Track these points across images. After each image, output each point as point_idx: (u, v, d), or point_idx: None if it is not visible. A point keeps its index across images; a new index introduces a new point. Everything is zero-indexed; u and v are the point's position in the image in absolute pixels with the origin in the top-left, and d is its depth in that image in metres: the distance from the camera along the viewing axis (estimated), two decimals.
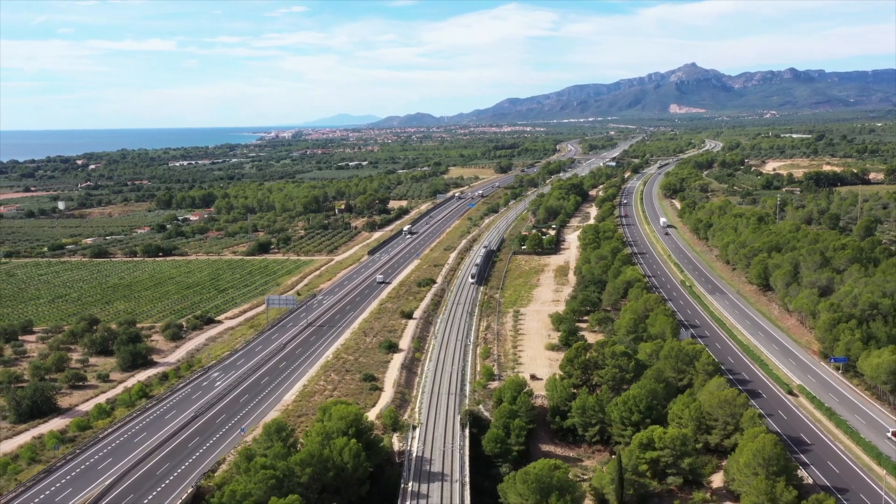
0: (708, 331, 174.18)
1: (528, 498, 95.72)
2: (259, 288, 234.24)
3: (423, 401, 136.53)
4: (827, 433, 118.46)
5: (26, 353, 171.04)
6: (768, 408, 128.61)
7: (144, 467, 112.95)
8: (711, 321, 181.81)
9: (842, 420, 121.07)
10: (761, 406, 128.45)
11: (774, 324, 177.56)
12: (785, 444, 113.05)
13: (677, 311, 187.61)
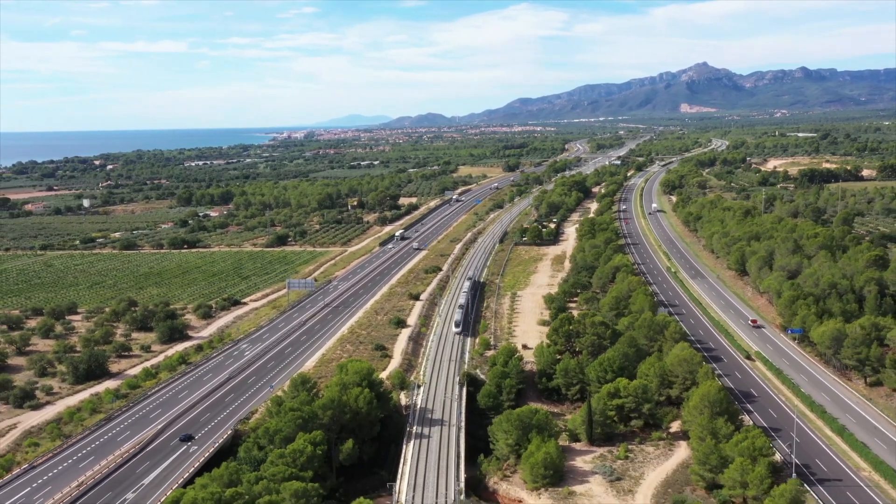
0: (685, 309, 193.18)
1: (512, 434, 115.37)
2: (279, 275, 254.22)
3: (427, 366, 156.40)
4: (773, 388, 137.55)
5: (74, 329, 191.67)
6: (727, 369, 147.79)
7: (189, 416, 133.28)
8: (689, 301, 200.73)
9: (787, 378, 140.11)
10: (721, 368, 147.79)
11: (746, 303, 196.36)
12: (735, 396, 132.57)
13: (660, 293, 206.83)
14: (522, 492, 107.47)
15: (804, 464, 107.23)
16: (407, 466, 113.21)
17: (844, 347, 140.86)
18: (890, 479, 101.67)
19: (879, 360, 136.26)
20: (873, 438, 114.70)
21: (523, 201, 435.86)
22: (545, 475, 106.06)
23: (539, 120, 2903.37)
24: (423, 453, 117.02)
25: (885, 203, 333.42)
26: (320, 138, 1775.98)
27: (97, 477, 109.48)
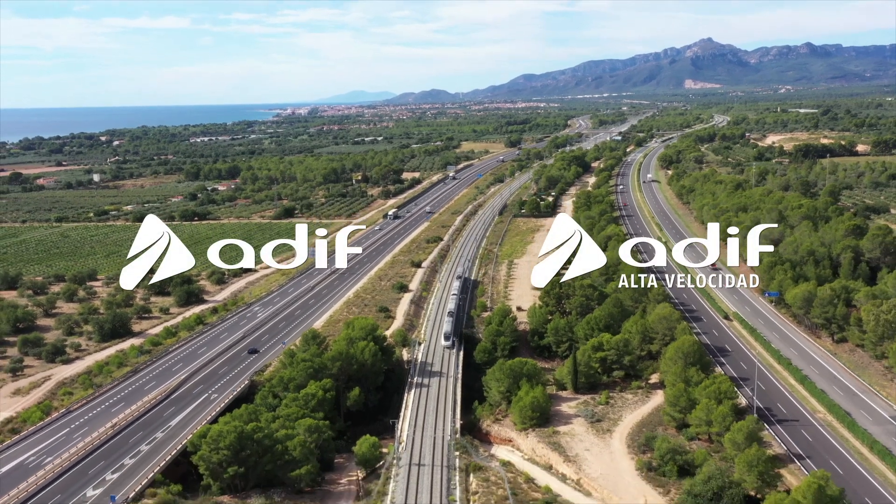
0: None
1: (503, 382, 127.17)
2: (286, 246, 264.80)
3: (428, 326, 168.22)
4: (747, 344, 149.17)
5: (96, 294, 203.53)
6: (705, 328, 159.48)
7: (209, 369, 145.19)
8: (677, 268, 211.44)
9: (760, 335, 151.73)
10: (700, 327, 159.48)
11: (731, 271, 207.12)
12: (710, 350, 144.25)
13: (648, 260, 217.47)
14: (512, 432, 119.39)
15: (766, 407, 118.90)
16: (408, 411, 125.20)
17: (814, 307, 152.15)
18: (841, 419, 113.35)
19: (845, 319, 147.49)
20: (832, 386, 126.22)
21: (523, 176, 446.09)
22: (532, 417, 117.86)
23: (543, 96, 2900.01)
24: (422, 400, 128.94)
25: (874, 177, 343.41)
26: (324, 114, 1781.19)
27: (129, 419, 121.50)
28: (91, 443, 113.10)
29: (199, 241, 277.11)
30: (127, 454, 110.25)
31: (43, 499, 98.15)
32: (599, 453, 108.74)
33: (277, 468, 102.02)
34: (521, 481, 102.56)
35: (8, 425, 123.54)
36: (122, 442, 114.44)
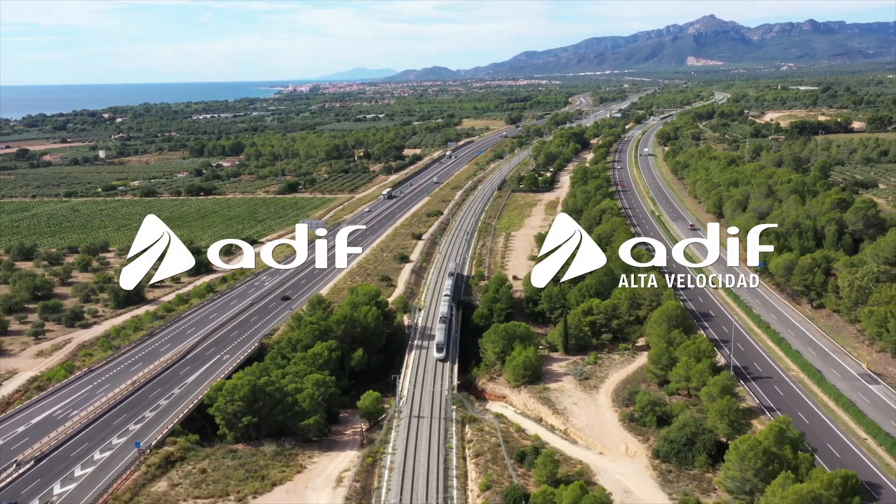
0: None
1: (498, 343, 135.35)
2: (291, 219, 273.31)
3: (428, 294, 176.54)
4: (729, 310, 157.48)
5: (109, 264, 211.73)
6: (691, 295, 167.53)
7: (220, 333, 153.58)
8: (668, 239, 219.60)
9: (742, 301, 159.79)
10: (686, 294, 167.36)
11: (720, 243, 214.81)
12: (694, 315, 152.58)
13: (642, 233, 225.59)
14: (506, 389, 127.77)
15: (743, 366, 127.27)
16: (409, 370, 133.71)
17: (794, 275, 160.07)
18: (811, 375, 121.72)
19: (823, 286, 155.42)
20: (806, 347, 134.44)
21: (523, 152, 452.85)
22: (525, 375, 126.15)
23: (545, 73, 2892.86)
24: (422, 360, 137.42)
25: (866, 153, 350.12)
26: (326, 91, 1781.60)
27: (147, 377, 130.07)
28: (113, 397, 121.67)
29: (206, 215, 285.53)
30: (147, 408, 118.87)
31: (72, 446, 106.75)
32: (586, 407, 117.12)
33: (288, 419, 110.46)
34: (513, 431, 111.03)
35: (34, 383, 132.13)
36: (142, 397, 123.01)
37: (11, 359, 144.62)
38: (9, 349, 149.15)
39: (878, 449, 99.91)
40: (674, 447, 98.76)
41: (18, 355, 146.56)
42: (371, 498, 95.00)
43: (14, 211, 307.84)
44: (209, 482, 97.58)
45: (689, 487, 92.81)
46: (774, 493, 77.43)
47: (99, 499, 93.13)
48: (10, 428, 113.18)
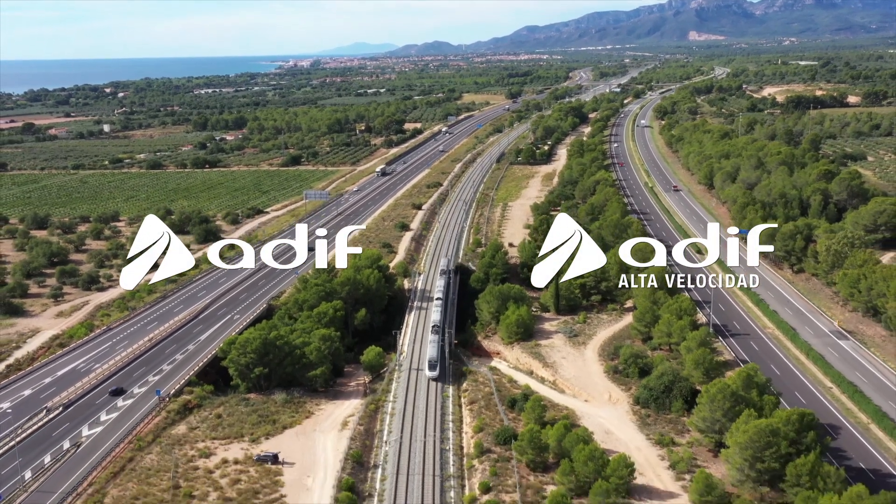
0: (654, 216, 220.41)
1: (493, 304, 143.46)
2: (295, 190, 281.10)
3: (427, 259, 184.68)
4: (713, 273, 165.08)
5: (121, 232, 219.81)
6: None
7: (230, 295, 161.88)
8: (660, 210, 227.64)
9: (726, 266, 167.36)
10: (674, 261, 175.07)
11: (709, 211, 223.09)
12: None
13: (635, 204, 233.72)
14: (500, 346, 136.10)
15: (723, 324, 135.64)
16: (409, 328, 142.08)
17: (776, 241, 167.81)
18: (786, 332, 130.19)
19: (803, 252, 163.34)
20: (784, 308, 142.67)
21: (522, 126, 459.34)
22: (517, 332, 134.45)
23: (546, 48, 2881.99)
24: (421, 320, 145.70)
25: (858, 127, 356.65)
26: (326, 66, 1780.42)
27: (163, 335, 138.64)
28: (132, 353, 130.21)
29: (212, 187, 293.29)
30: (164, 362, 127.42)
31: (97, 394, 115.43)
32: (574, 360, 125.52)
33: (296, 370, 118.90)
34: (505, 382, 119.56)
35: (56, 340, 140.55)
36: (159, 353, 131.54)
37: (33, 319, 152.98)
38: (30, 310, 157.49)
39: (841, 396, 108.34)
40: (652, 394, 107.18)
41: (39, 316, 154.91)
42: (374, 439, 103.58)
43: (24, 183, 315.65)
44: (224, 426, 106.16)
45: (664, 429, 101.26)
46: (738, 428, 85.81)
47: (124, 439, 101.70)
48: (38, 379, 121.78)
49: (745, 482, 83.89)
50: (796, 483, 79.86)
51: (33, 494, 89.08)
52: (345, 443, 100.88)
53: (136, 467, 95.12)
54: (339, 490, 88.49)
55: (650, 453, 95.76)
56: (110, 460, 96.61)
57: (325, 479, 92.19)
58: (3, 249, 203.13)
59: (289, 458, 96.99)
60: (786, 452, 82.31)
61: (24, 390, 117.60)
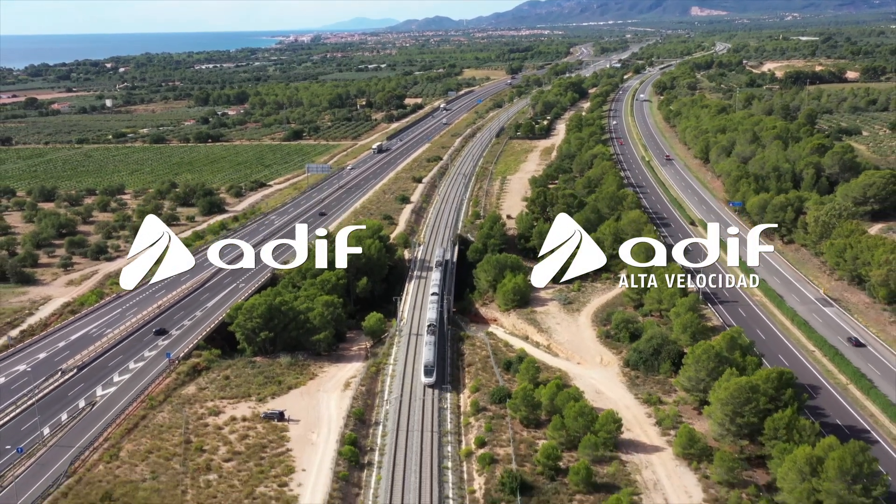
0: (650, 189, 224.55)
1: (490, 272, 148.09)
2: (297, 164, 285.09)
3: (427, 231, 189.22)
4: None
5: (127, 205, 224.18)
6: (672, 232, 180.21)
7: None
8: (655, 183, 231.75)
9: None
10: (667, 231, 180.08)
11: (704, 185, 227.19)
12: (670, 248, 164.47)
13: (631, 177, 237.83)
14: (497, 312, 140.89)
15: (712, 292, 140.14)
16: (409, 296, 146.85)
17: (767, 213, 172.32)
18: (773, 299, 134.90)
19: (793, 223, 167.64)
20: (772, 276, 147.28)
21: (521, 101, 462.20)
22: (514, 299, 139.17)
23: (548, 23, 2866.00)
24: (421, 288, 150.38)
25: (855, 102, 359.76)
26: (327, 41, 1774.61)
27: (171, 301, 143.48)
28: (142, 318, 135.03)
29: (215, 161, 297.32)
30: (173, 327, 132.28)
31: (109, 357, 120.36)
32: (567, 326, 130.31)
33: (300, 335, 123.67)
34: (501, 346, 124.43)
35: (67, 307, 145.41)
36: (168, 318, 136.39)
37: (44, 287, 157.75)
38: (41, 279, 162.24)
39: (822, 359, 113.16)
40: (642, 357, 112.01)
41: (50, 284, 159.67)
42: (375, 398, 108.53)
43: (29, 157, 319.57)
44: (232, 386, 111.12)
45: (652, 389, 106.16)
46: (720, 385, 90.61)
47: (137, 398, 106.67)
48: (52, 343, 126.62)
49: (725, 436, 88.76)
50: (774, 436, 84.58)
51: (52, 449, 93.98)
52: (347, 402, 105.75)
53: (148, 424, 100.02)
54: (343, 444, 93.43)
55: (638, 411, 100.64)
56: (124, 418, 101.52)
57: (328, 434, 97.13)
58: (11, 221, 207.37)
59: (294, 415, 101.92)
60: (764, 408, 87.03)
61: (39, 353, 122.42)
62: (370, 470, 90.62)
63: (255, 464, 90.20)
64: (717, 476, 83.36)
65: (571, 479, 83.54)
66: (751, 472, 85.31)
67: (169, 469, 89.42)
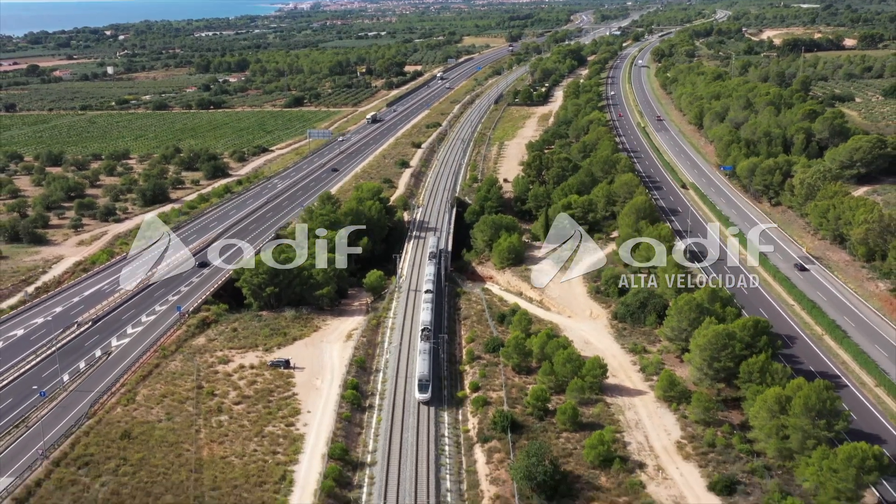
0: (644, 154, 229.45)
1: (486, 232, 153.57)
2: (298, 130, 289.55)
3: (426, 193, 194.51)
4: (696, 207, 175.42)
5: (132, 168, 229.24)
6: (664, 195, 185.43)
7: (240, 226, 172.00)
8: (650, 149, 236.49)
9: (708, 200, 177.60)
10: (659, 194, 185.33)
11: (697, 150, 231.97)
12: (664, 212, 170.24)
13: (626, 143, 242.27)
14: (492, 271, 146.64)
15: (700, 251, 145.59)
16: (408, 255, 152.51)
17: (755, 176, 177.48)
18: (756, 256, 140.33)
19: (781, 186, 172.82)
20: (758, 236, 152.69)
21: (521, 68, 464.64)
22: (508, 258, 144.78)
23: None
24: (420, 248, 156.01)
25: (850, 69, 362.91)
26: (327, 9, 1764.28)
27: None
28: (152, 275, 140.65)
29: (218, 127, 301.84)
30: (182, 283, 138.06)
31: (123, 311, 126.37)
32: (560, 283, 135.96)
33: (304, 290, 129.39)
34: (496, 301, 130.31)
35: (79, 266, 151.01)
36: (177, 276, 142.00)
37: (56, 247, 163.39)
38: (52, 239, 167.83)
39: (801, 312, 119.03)
40: (629, 310, 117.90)
41: (62, 244, 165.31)
42: (376, 348, 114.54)
43: (34, 123, 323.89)
44: (240, 337, 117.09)
45: (638, 340, 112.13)
46: (700, 333, 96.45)
47: (150, 349, 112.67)
48: (67, 298, 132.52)
49: (703, 380, 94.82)
50: (748, 379, 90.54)
51: (72, 393, 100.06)
52: (349, 351, 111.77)
53: (162, 372, 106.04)
54: (345, 389, 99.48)
55: (624, 359, 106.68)
56: (139, 366, 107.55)
57: (332, 380, 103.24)
58: (21, 185, 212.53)
59: (299, 363, 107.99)
60: (740, 354, 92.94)
61: (55, 308, 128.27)
62: (371, 412, 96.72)
63: (263, 406, 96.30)
64: (695, 416, 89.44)
65: (559, 418, 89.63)
66: (726, 413, 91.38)
67: (183, 411, 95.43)
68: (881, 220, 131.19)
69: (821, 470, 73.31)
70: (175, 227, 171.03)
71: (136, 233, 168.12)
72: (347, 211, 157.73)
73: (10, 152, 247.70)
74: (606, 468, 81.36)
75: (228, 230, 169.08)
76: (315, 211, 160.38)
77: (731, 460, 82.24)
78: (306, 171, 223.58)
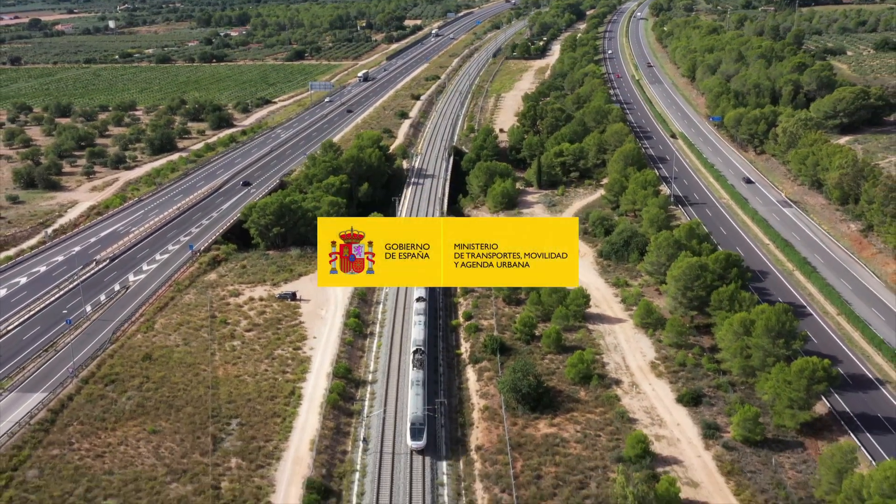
0: (636, 105, 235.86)
1: (481, 178, 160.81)
2: (300, 83, 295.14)
3: (425, 143, 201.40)
4: (684, 156, 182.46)
5: (139, 119, 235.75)
6: (653, 144, 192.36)
7: (246, 173, 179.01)
8: (643, 100, 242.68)
9: (696, 148, 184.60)
10: (649, 143, 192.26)
11: (688, 101, 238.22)
12: (652, 160, 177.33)
13: (620, 95, 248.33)
14: (486, 215, 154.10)
15: (684, 196, 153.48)
16: (406, 199, 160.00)
17: (741, 126, 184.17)
18: (738, 201, 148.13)
19: (765, 135, 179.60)
20: (740, 181, 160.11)
21: (520, 23, 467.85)
22: (502, 202, 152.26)
23: None
24: (418, 193, 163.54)
25: (844, 23, 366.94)
26: None
27: (189, 204, 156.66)
28: (164, 218, 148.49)
29: (221, 80, 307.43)
30: (192, 225, 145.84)
31: (138, 250, 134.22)
32: None
33: (309, 230, 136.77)
34: None
35: (94, 210, 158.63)
36: (187, 218, 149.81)
37: (70, 193, 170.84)
38: (66, 186, 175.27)
39: (775, 251, 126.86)
40: (613, 248, 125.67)
41: (75, 190, 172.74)
42: None
43: (40, 76, 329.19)
44: (249, 273, 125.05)
45: (621, 275, 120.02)
46: (676, 265, 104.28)
47: (165, 283, 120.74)
48: (84, 239, 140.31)
49: (678, 308, 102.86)
50: (718, 307, 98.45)
51: (95, 322, 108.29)
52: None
53: (177, 304, 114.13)
54: (348, 318, 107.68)
55: (607, 292, 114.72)
56: (155, 298, 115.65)
57: (335, 310, 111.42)
58: (32, 135, 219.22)
59: (305, 296, 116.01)
60: (712, 284, 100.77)
61: (73, 247, 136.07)
62: (372, 339, 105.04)
63: (272, 333, 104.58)
64: (668, 340, 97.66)
65: (544, 342, 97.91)
66: (698, 338, 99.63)
67: (198, 337, 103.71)
68: (855, 164, 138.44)
69: (777, 383, 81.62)
70: (183, 174, 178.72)
71: (147, 179, 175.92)
72: (349, 158, 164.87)
73: (19, 104, 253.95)
74: (585, 384, 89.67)
75: (235, 176, 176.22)
76: (318, 158, 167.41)
77: (699, 377, 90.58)
78: (309, 121, 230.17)
